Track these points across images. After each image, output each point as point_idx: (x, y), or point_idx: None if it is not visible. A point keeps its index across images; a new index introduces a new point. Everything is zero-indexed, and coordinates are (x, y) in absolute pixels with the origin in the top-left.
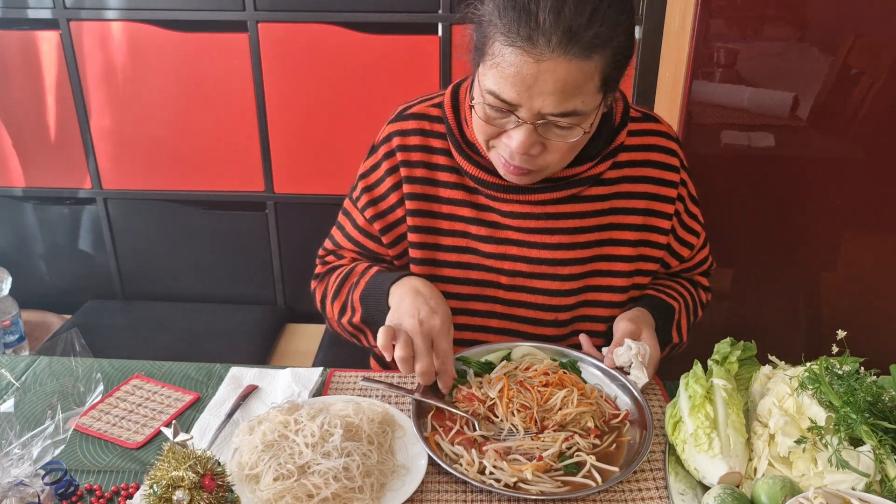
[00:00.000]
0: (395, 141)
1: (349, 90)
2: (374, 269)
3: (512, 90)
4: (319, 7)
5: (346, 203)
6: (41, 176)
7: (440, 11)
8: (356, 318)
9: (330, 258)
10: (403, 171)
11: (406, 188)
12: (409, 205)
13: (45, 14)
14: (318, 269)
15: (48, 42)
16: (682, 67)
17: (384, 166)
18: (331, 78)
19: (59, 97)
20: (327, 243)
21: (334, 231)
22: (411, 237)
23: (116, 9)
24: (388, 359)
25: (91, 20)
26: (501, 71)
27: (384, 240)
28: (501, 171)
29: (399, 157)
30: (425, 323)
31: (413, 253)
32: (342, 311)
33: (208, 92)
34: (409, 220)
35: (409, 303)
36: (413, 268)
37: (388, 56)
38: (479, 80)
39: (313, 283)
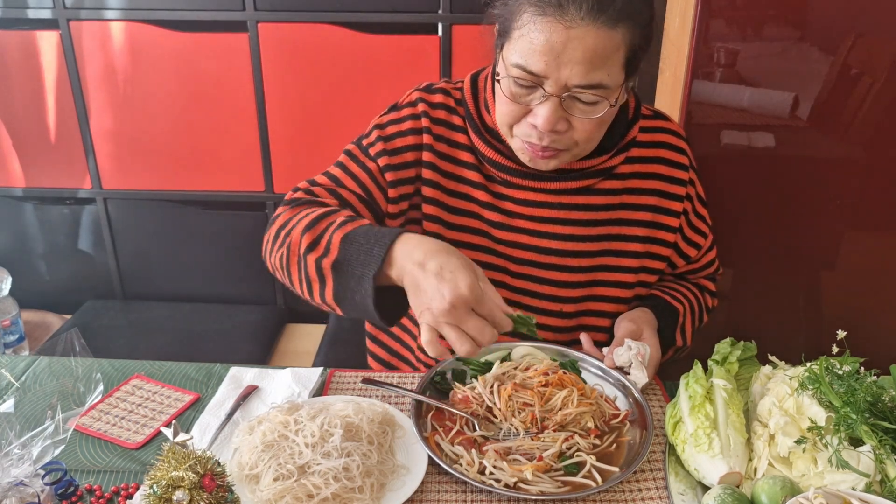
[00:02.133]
0: (422, 107)
1: (349, 90)
2: (365, 221)
3: (540, 60)
4: (319, 7)
5: (352, 147)
6: (41, 176)
7: (440, 11)
8: (327, 261)
9: (317, 189)
10: (426, 138)
11: (426, 156)
12: (426, 174)
13: (45, 14)
14: (297, 195)
15: (48, 42)
16: (682, 67)
17: (408, 124)
18: (331, 78)
19: (59, 97)
20: (319, 178)
21: (332, 169)
22: (426, 209)
23: (116, 9)
24: (450, 357)
25: (91, 20)
26: (530, 42)
27: (391, 193)
28: (527, 158)
29: (424, 122)
30: (458, 301)
31: (427, 226)
32: (312, 247)
33: (208, 92)
34: (424, 190)
35: (421, 281)
36: None
37: (388, 56)
38: (503, 60)
39: (281, 209)
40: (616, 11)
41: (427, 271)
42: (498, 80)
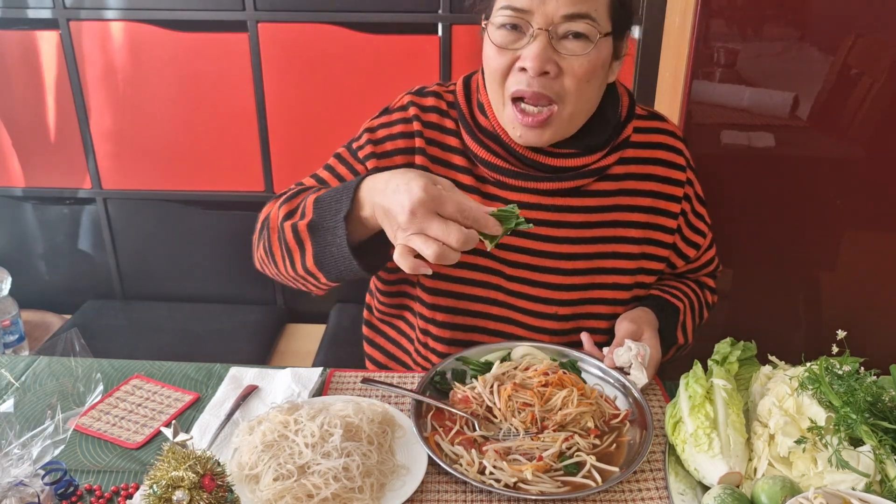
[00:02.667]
0: (413, 111)
1: (349, 90)
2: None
3: None
4: (319, 7)
5: (342, 150)
6: (41, 176)
7: (440, 11)
8: (303, 223)
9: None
10: (418, 142)
11: (418, 159)
12: None
13: (45, 14)
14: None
15: (48, 42)
16: (682, 67)
17: (399, 128)
18: (331, 78)
19: (59, 97)
20: (306, 180)
21: (320, 171)
22: None
23: (116, 9)
24: (430, 272)
25: (91, 20)
26: None
27: None
28: (518, 132)
29: (416, 126)
30: (416, 207)
31: None
32: (288, 216)
33: (208, 92)
34: None
35: (385, 203)
36: None
37: (388, 56)
38: (490, 20)
39: (265, 207)
40: None
41: (387, 192)
42: (485, 28)
